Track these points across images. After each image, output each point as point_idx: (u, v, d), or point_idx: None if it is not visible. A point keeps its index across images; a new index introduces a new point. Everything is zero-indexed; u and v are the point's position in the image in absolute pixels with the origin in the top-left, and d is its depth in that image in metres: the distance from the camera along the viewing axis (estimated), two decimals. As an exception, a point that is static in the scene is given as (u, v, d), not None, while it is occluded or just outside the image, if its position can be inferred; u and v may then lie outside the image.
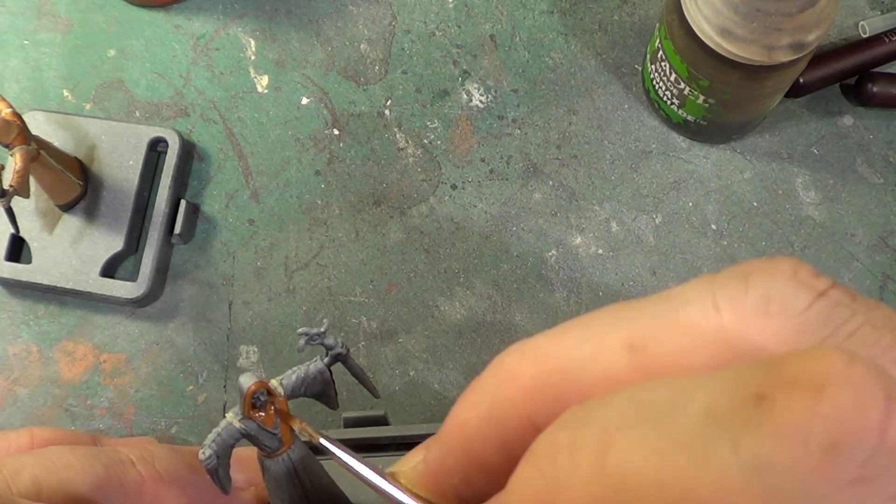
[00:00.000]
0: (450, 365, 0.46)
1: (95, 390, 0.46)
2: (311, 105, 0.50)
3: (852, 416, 0.11)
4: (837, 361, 0.12)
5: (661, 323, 0.15)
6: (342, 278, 0.47)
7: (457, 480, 0.18)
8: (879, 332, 0.14)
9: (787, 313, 0.14)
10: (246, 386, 0.26)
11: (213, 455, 0.27)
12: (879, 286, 0.47)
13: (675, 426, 0.12)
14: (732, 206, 0.48)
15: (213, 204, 0.49)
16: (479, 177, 0.49)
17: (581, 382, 0.15)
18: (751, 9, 0.38)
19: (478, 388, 0.17)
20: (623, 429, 0.13)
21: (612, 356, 0.15)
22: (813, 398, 0.11)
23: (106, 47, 0.51)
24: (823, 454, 0.11)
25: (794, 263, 0.14)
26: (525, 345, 0.17)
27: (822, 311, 0.14)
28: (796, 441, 0.11)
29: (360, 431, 0.38)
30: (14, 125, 0.41)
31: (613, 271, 0.47)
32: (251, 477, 0.38)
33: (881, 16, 0.50)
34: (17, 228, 0.46)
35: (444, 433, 0.18)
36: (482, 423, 0.17)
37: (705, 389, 0.13)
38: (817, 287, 0.14)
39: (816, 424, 0.11)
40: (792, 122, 0.49)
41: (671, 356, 0.15)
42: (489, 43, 0.51)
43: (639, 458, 0.13)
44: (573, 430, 0.14)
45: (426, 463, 0.19)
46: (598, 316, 0.16)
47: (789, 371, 0.12)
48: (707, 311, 0.14)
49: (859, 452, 0.11)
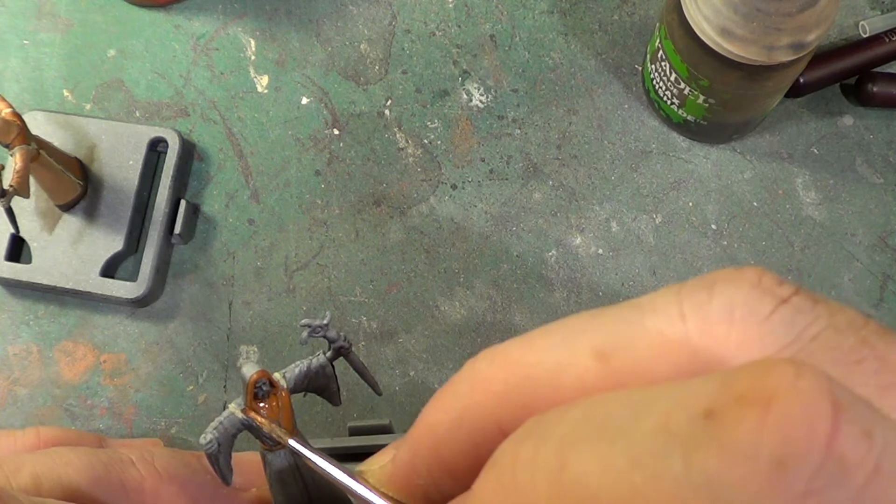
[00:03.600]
0: (450, 365, 0.46)
1: (95, 390, 0.46)
2: (311, 105, 0.50)
3: (799, 430, 0.11)
4: (785, 375, 0.12)
5: (629, 331, 0.15)
6: (342, 278, 0.47)
7: (424, 481, 0.18)
8: (842, 335, 0.14)
9: (751, 320, 0.14)
10: (248, 375, 0.26)
11: (215, 441, 0.27)
12: (879, 286, 0.47)
13: (629, 442, 0.13)
14: (732, 206, 0.48)
15: (213, 204, 0.49)
16: (479, 177, 0.49)
17: (550, 390, 0.15)
18: (751, 9, 0.38)
19: (448, 392, 0.17)
20: (580, 444, 0.13)
21: (581, 364, 0.15)
22: (761, 414, 0.11)
23: (106, 47, 0.51)
24: (771, 470, 0.11)
25: (758, 272, 0.15)
26: (496, 351, 0.17)
27: (786, 317, 0.14)
28: (745, 457, 0.11)
29: (364, 439, 0.38)
30: (14, 125, 0.41)
31: (613, 271, 0.47)
32: (252, 479, 0.38)
33: (881, 16, 0.50)
34: (17, 228, 0.46)
35: (413, 435, 0.18)
36: (451, 427, 0.17)
37: (659, 405, 0.13)
38: (780, 294, 0.14)
39: (764, 440, 0.11)
40: (792, 122, 0.49)
41: (639, 364, 0.15)
42: (489, 43, 0.51)
43: (594, 474, 0.13)
44: (532, 443, 0.14)
45: (394, 463, 0.19)
46: (568, 323, 0.16)
47: (738, 386, 0.12)
48: (673, 320, 0.15)
49: (807, 467, 0.11)
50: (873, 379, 0.13)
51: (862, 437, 0.11)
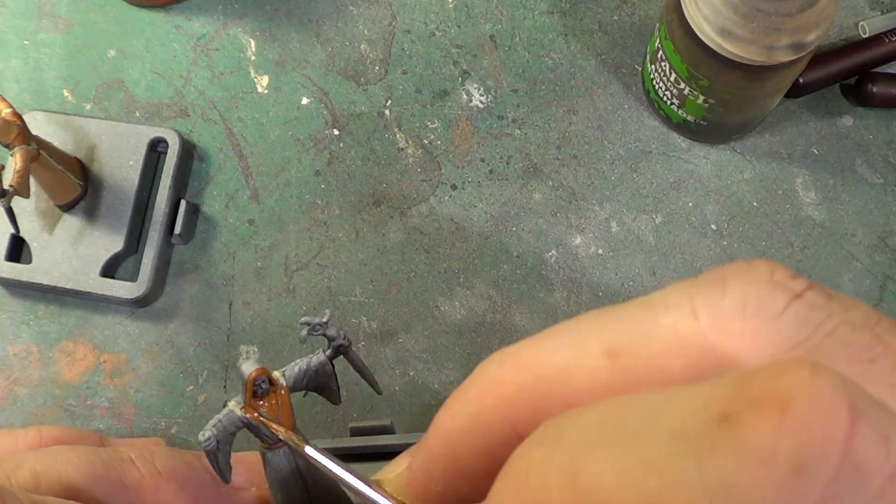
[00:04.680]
0: (450, 365, 0.46)
1: (95, 390, 0.46)
2: (311, 105, 0.50)
3: (816, 434, 0.11)
4: (801, 377, 0.12)
5: (640, 329, 0.15)
6: (342, 278, 0.47)
7: (440, 487, 0.18)
8: (857, 332, 0.14)
9: (764, 316, 0.14)
10: (247, 373, 0.26)
11: (213, 438, 0.27)
12: (879, 286, 0.47)
13: (643, 447, 0.12)
14: (732, 206, 0.48)
15: (213, 204, 0.49)
16: (479, 177, 0.49)
17: (563, 390, 0.15)
18: (751, 9, 0.38)
19: (460, 396, 0.17)
20: (594, 448, 0.13)
21: (593, 363, 0.15)
22: (777, 417, 0.11)
23: (106, 47, 0.51)
24: (788, 475, 0.11)
25: (770, 266, 0.14)
26: (507, 353, 0.17)
27: (799, 313, 0.14)
28: (761, 462, 0.11)
29: (365, 440, 0.38)
30: (14, 125, 0.41)
31: (613, 271, 0.47)
32: (252, 478, 0.38)
33: (881, 16, 0.50)
34: (17, 228, 0.46)
35: (427, 441, 0.18)
36: (465, 432, 0.17)
37: (674, 408, 0.13)
38: (793, 289, 0.14)
39: (780, 444, 0.11)
40: (792, 122, 0.49)
41: (651, 362, 0.15)
42: (489, 43, 0.51)
43: (609, 478, 0.13)
44: (546, 448, 0.14)
45: (411, 470, 0.19)
46: (578, 322, 0.16)
47: (754, 389, 0.12)
48: (685, 317, 0.14)
49: (824, 472, 0.11)
50: (887, 377, 0.13)
51: (880, 441, 0.11)
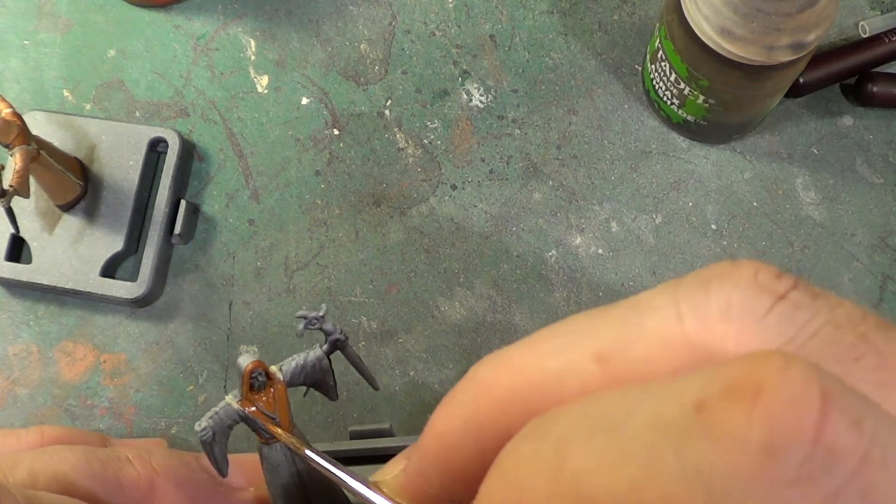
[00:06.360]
0: (450, 365, 0.46)
1: (95, 390, 0.46)
2: (311, 105, 0.50)
3: (787, 419, 0.12)
4: (773, 365, 0.12)
5: (627, 332, 0.15)
6: (342, 278, 0.47)
7: (436, 490, 0.18)
8: (842, 331, 0.14)
9: (748, 319, 0.14)
10: (244, 365, 0.26)
11: (209, 429, 0.27)
12: (879, 286, 0.47)
13: (624, 436, 0.13)
14: (732, 206, 0.48)
15: (213, 204, 0.49)
16: (479, 177, 0.49)
17: (555, 394, 0.16)
18: (751, 9, 0.38)
19: (454, 400, 0.18)
20: (578, 440, 0.14)
21: (583, 367, 0.15)
22: (749, 404, 0.12)
23: (106, 47, 0.51)
24: (760, 458, 0.11)
25: (754, 266, 0.15)
26: (499, 356, 0.17)
27: (784, 314, 0.14)
28: (735, 447, 0.12)
29: (365, 442, 0.38)
30: (14, 125, 0.41)
31: (613, 271, 0.47)
32: (251, 479, 0.38)
33: (881, 16, 0.50)
34: (17, 228, 0.46)
35: (422, 444, 0.18)
36: (459, 435, 0.17)
37: (652, 399, 0.13)
38: (777, 289, 0.14)
39: (753, 429, 0.12)
40: (792, 122, 0.49)
41: (639, 365, 0.15)
42: (489, 43, 0.51)
43: (592, 467, 0.13)
44: (532, 442, 0.14)
45: (406, 473, 0.19)
46: (568, 325, 0.16)
47: (728, 378, 0.12)
48: (670, 320, 0.15)
49: (795, 454, 0.11)
50: (872, 375, 0.13)
51: (851, 425, 0.12)
